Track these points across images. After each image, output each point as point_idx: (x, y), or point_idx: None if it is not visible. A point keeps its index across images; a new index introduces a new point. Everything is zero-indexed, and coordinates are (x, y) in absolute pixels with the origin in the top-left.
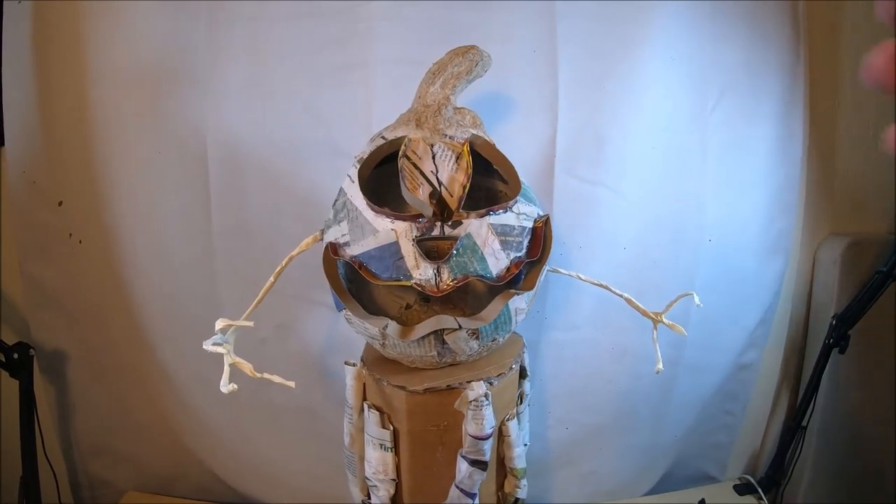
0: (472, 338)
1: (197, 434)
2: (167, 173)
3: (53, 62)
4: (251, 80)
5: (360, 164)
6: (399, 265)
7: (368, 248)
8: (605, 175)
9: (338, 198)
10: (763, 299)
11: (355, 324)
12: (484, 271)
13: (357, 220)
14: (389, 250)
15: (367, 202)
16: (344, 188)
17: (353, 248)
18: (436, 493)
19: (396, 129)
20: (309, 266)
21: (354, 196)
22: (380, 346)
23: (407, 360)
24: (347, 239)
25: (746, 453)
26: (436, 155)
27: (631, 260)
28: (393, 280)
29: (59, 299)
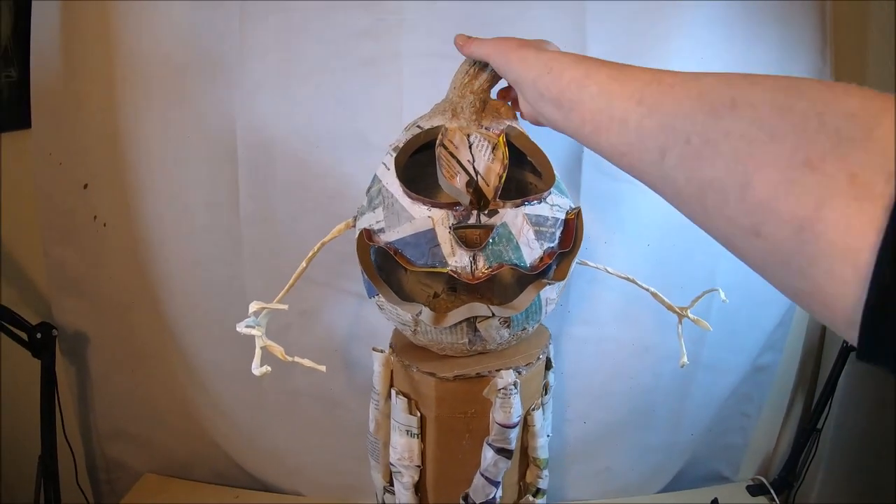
0: (503, 326)
1: (215, 419)
2: (195, 159)
3: (82, 46)
4: (281, 70)
5: (395, 153)
6: (435, 252)
7: (404, 234)
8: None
9: (372, 185)
10: (782, 301)
11: (387, 310)
12: (518, 260)
13: (392, 206)
14: (425, 237)
15: (404, 189)
16: (378, 175)
17: (388, 234)
18: (460, 480)
19: (432, 118)
20: (334, 253)
21: (390, 183)
22: (411, 332)
23: (437, 346)
24: (382, 225)
25: (760, 454)
26: (472, 145)
27: (654, 257)
28: (428, 266)
29: (81, 282)
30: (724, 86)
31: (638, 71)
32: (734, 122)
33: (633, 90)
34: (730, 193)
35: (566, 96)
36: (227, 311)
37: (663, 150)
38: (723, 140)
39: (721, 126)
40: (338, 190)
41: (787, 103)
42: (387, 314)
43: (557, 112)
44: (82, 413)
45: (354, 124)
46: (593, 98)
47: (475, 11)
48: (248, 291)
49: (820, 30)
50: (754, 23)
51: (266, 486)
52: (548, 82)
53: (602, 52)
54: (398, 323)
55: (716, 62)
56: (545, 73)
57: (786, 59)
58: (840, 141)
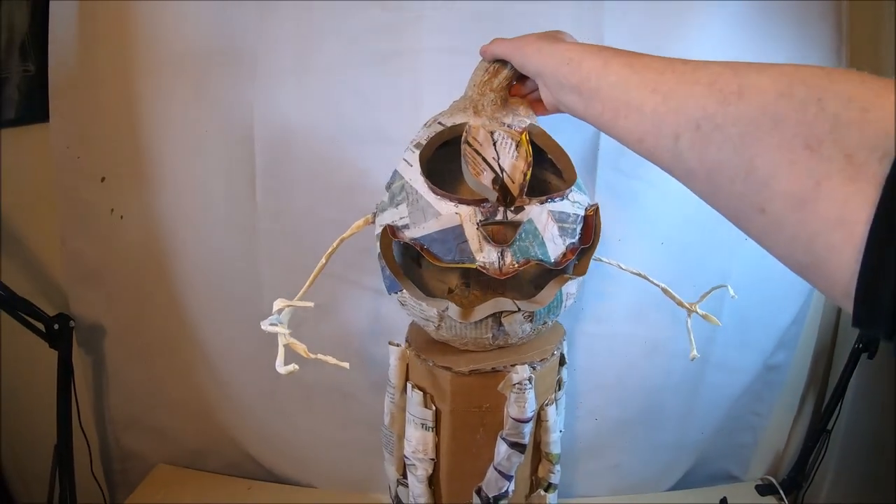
0: (526, 320)
1: (230, 410)
2: (212, 153)
3: (100, 39)
4: (300, 64)
5: (418, 149)
6: (463, 248)
7: (431, 230)
8: (647, 170)
9: (393, 181)
10: (796, 300)
11: (410, 306)
12: (543, 256)
13: (417, 203)
14: (453, 233)
15: (430, 186)
16: (400, 172)
17: (412, 230)
18: (473, 474)
19: (453, 115)
20: (350, 247)
21: (414, 180)
22: (434, 328)
23: (460, 342)
24: (407, 221)
25: (770, 454)
26: (496, 142)
27: (668, 255)
28: (456, 262)
29: (98, 274)
30: (731, 74)
31: (652, 60)
32: (741, 109)
33: (648, 79)
34: (737, 174)
35: (586, 85)
36: (243, 304)
37: (677, 135)
38: (730, 125)
39: (729, 112)
40: (355, 184)
41: (788, 90)
42: (409, 310)
43: (578, 100)
44: (97, 403)
45: (372, 119)
46: (611, 86)
47: (493, 7)
48: (264, 284)
49: (836, 29)
50: (770, 22)
51: (279, 478)
52: (567, 72)
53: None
54: (420, 319)
55: None
56: (564, 63)
57: (802, 58)
58: (837, 124)
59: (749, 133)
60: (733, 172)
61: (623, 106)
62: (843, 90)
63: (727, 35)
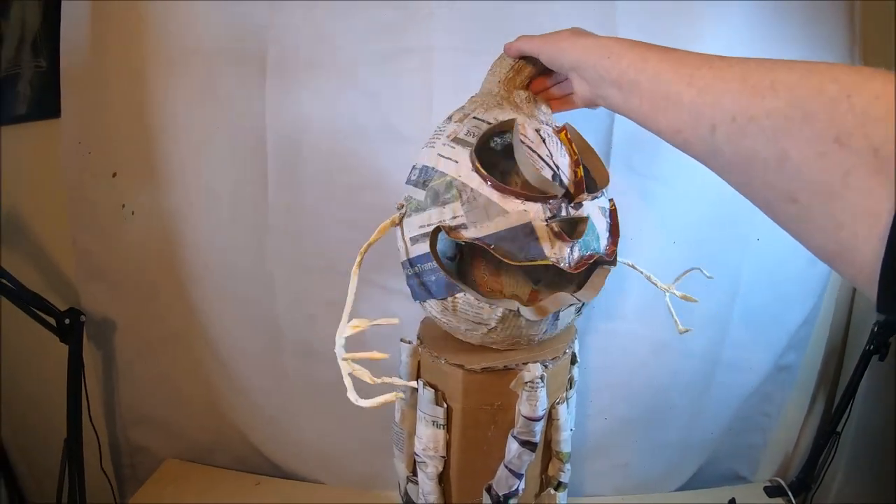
0: (577, 312)
1: (239, 406)
2: (223, 149)
3: (111, 36)
4: (311, 62)
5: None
6: (534, 245)
7: (497, 229)
8: (660, 169)
9: (429, 177)
10: (807, 300)
11: (462, 310)
12: (599, 249)
13: (475, 201)
14: (523, 231)
15: (495, 183)
16: (440, 169)
17: (472, 230)
18: (483, 472)
19: (489, 111)
20: (360, 245)
21: (467, 177)
22: (486, 331)
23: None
24: (463, 221)
25: (779, 455)
26: (545, 139)
27: (680, 254)
28: (528, 260)
29: (109, 269)
30: (764, 70)
31: (686, 55)
32: (774, 103)
33: (684, 73)
34: (770, 164)
35: (625, 78)
36: (253, 300)
37: (713, 127)
38: (764, 118)
39: (763, 105)
40: (366, 182)
41: (819, 86)
42: (460, 314)
43: (618, 93)
44: (107, 398)
45: (382, 117)
46: (650, 80)
47: (502, 6)
48: (274, 281)
49: (849, 29)
50: (783, 21)
51: (287, 474)
52: (608, 66)
53: None
54: (469, 322)
55: None
56: (605, 56)
57: (814, 57)
58: (866, 120)
59: (781, 126)
60: (767, 162)
61: (662, 99)
62: (872, 88)
63: (738, 35)
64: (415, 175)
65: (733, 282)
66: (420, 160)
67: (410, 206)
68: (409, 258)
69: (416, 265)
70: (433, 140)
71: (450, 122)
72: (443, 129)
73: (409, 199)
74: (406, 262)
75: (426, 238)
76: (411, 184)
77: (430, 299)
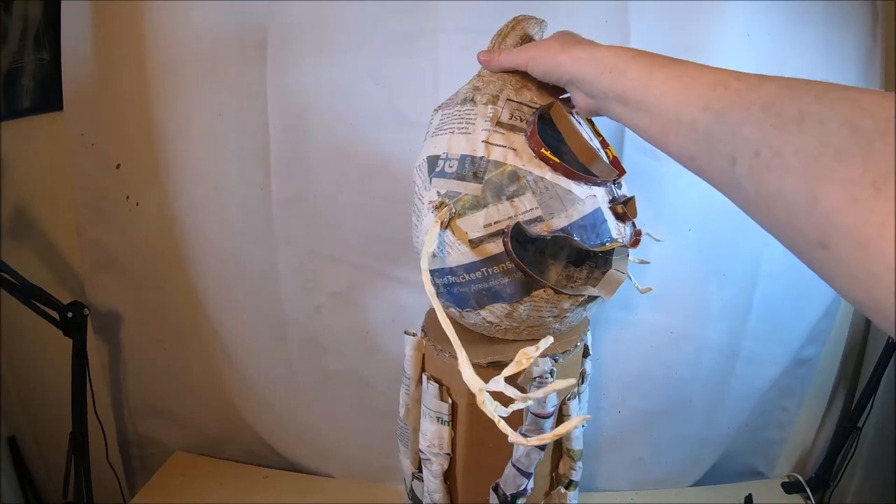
0: None
1: (247, 398)
2: (227, 138)
3: (113, 27)
4: (315, 47)
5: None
6: (605, 229)
7: (574, 218)
8: None
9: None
10: (827, 293)
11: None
12: None
13: (548, 191)
14: (595, 217)
15: (569, 170)
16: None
17: (551, 221)
18: (490, 470)
19: (518, 92)
20: (366, 233)
21: (532, 164)
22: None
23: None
24: (538, 213)
25: (797, 451)
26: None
27: (696, 242)
28: (601, 245)
29: (115, 261)
30: (789, 96)
31: (699, 71)
32: (802, 138)
33: (699, 94)
34: (798, 207)
35: (631, 95)
36: (260, 291)
37: (734, 159)
38: (792, 156)
39: (790, 140)
40: (372, 169)
41: (853, 122)
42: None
43: (624, 110)
44: (114, 390)
45: (388, 102)
46: (659, 100)
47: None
48: (280, 271)
49: (870, 31)
50: (800, 23)
51: (296, 467)
52: (610, 81)
53: (645, 27)
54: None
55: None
56: (606, 71)
57: (835, 37)
58: None
59: (811, 165)
60: (794, 205)
61: (673, 122)
62: None
63: (759, 11)
64: (452, 166)
65: (753, 271)
66: (451, 149)
67: (461, 202)
68: (471, 262)
69: (479, 269)
70: (463, 126)
71: (475, 105)
72: (470, 112)
73: (454, 194)
74: (458, 268)
75: (493, 238)
76: (451, 177)
77: (493, 304)
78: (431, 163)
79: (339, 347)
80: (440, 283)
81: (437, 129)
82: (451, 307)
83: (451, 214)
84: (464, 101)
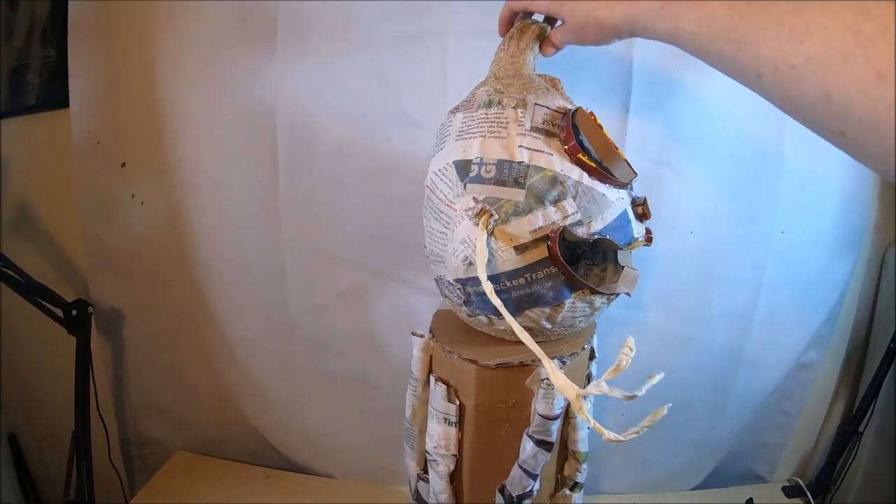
0: None
1: (250, 398)
2: (234, 138)
3: (119, 25)
4: (322, 46)
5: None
6: (629, 229)
7: (608, 221)
8: (677, 157)
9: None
10: (830, 296)
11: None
12: None
13: (586, 195)
14: (623, 218)
15: (605, 173)
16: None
17: (590, 225)
18: (497, 471)
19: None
20: (370, 235)
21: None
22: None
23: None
24: (579, 217)
25: (798, 455)
26: None
27: (698, 246)
28: (627, 245)
29: (119, 260)
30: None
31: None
32: (811, 47)
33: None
34: (816, 105)
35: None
36: (264, 290)
37: (759, 76)
38: (804, 64)
39: (801, 51)
40: (379, 169)
41: (855, 25)
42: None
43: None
44: (117, 389)
45: (398, 103)
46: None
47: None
48: (285, 270)
49: None
50: None
51: (298, 467)
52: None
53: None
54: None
55: None
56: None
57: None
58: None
59: (822, 69)
60: (813, 104)
61: (706, 56)
62: None
63: None
64: (489, 171)
65: (756, 274)
66: (487, 154)
67: (504, 209)
68: (514, 269)
69: (524, 275)
70: (495, 129)
71: (504, 109)
72: (499, 116)
73: (494, 200)
74: (501, 275)
75: (537, 244)
76: (487, 182)
77: (533, 308)
78: (462, 168)
79: (343, 348)
80: (472, 291)
81: (460, 132)
82: (481, 314)
83: (496, 222)
84: (489, 104)
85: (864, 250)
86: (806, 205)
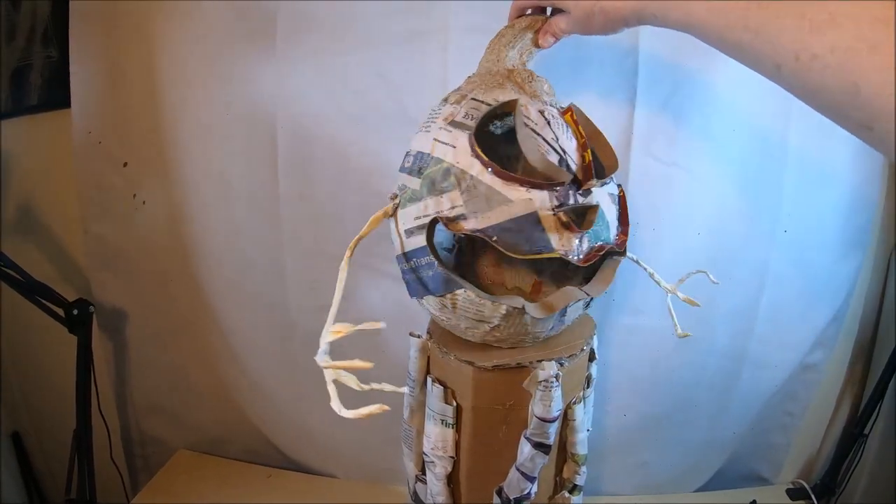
0: (585, 307)
1: (251, 397)
2: (234, 137)
3: (121, 25)
4: (323, 45)
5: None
6: (541, 237)
7: (500, 219)
8: (683, 157)
9: (425, 164)
10: (836, 297)
11: (461, 307)
12: (608, 239)
13: (475, 189)
14: (528, 221)
15: (498, 169)
16: (436, 155)
17: (472, 221)
18: (494, 474)
19: (488, 91)
20: (374, 233)
21: (465, 163)
22: (488, 329)
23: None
24: (462, 211)
25: (803, 457)
26: (549, 122)
27: (705, 246)
28: (534, 253)
29: (120, 259)
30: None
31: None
32: (837, 37)
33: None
34: (841, 98)
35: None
36: (265, 289)
37: (778, 66)
38: (828, 54)
39: (825, 41)
40: (379, 168)
41: (882, 15)
42: (460, 312)
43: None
44: (118, 388)
45: (398, 101)
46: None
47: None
48: (286, 269)
49: None
50: None
51: (299, 467)
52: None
53: (655, 29)
54: (470, 321)
55: None
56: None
57: None
58: None
59: (848, 60)
60: (838, 96)
61: (719, 45)
62: None
63: None
64: (409, 162)
65: (760, 276)
66: (414, 146)
67: (405, 195)
68: (405, 252)
69: (412, 259)
70: (428, 124)
71: (446, 104)
72: (438, 111)
73: (403, 188)
74: (401, 256)
75: (422, 230)
76: (405, 171)
77: (428, 296)
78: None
79: (344, 348)
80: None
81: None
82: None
83: (396, 206)
84: (442, 100)
85: (870, 250)
86: (811, 204)
